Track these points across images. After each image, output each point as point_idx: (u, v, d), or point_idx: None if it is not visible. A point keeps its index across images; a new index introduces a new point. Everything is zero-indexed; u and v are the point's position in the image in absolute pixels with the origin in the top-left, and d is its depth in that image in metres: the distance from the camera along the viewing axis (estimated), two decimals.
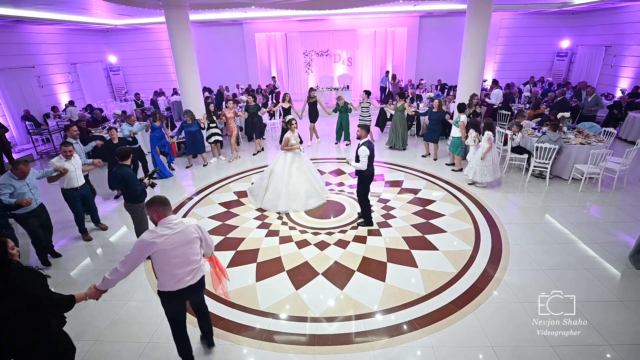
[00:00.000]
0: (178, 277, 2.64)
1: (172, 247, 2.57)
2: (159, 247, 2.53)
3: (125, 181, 4.29)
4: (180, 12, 8.36)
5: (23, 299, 2.16)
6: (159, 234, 2.55)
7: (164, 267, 2.61)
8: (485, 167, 6.32)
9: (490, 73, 15.00)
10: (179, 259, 2.62)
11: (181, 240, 2.61)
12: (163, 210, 2.61)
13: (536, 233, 5.04)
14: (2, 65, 10.53)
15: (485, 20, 7.88)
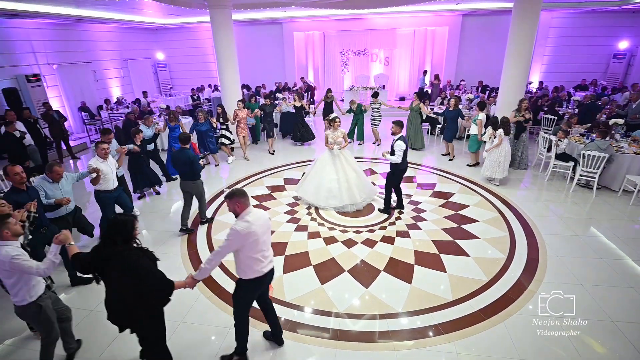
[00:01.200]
0: (264, 263, 2.81)
1: (260, 235, 2.72)
2: (251, 236, 2.65)
3: (191, 162, 4.96)
4: (223, 11, 8.69)
5: (139, 274, 2.39)
6: (252, 223, 2.66)
7: (254, 255, 2.73)
8: (495, 163, 6.53)
9: (536, 75, 14.23)
10: (265, 246, 2.79)
11: (264, 228, 2.77)
12: (244, 202, 2.73)
13: (578, 246, 4.76)
14: (64, 60, 11.50)
15: (532, 19, 7.48)
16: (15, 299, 2.71)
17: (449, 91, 11.99)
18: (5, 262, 2.52)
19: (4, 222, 2.60)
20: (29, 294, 2.71)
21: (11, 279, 2.62)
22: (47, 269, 2.60)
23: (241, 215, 2.72)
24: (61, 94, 11.48)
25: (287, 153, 9.11)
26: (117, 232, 2.39)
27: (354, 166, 6.05)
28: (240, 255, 2.75)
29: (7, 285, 2.67)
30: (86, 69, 12.32)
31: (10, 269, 2.54)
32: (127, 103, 12.52)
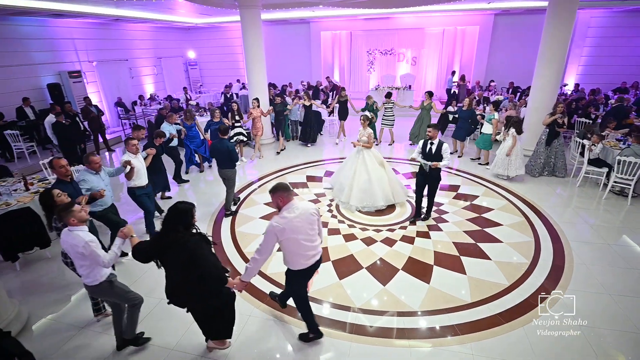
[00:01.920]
0: (307, 256, 2.88)
1: (299, 229, 2.75)
2: (288, 232, 2.71)
3: (230, 151, 5.42)
4: (253, 11, 8.91)
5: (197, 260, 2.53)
6: (287, 219, 2.72)
7: (296, 249, 2.82)
8: (509, 161, 6.70)
9: (572, 77, 13.63)
10: (307, 239, 2.83)
11: (304, 221, 2.79)
12: (287, 196, 2.78)
13: (608, 255, 4.58)
14: (102, 57, 12.16)
15: (568, 18, 7.20)
16: (87, 280, 2.88)
17: (477, 92, 11.72)
18: (79, 246, 2.69)
19: (70, 210, 2.76)
20: (100, 274, 2.89)
21: (84, 262, 2.78)
22: (110, 261, 2.77)
23: (282, 209, 2.77)
24: (99, 89, 12.15)
25: (302, 152, 9.23)
26: (179, 219, 2.53)
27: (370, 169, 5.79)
28: (284, 248, 2.85)
29: (80, 267, 2.84)
30: (122, 66, 12.96)
31: (83, 251, 2.70)
32: (159, 99, 13.05)
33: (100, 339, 3.44)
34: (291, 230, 2.72)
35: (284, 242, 2.76)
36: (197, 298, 2.68)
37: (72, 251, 2.76)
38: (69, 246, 2.75)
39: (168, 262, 2.58)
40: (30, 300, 4.01)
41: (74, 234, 2.75)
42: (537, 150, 7.08)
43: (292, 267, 2.94)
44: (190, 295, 2.65)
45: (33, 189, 5.35)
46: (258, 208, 6.07)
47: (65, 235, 2.78)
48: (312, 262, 2.93)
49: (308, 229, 2.83)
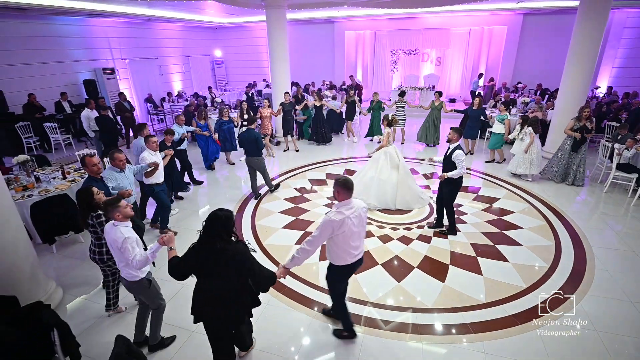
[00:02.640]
0: (353, 254, 2.94)
1: (352, 225, 2.81)
2: (342, 227, 2.76)
3: (256, 140, 5.91)
4: (279, 11, 9.10)
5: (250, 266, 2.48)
6: (345, 215, 2.76)
7: (344, 245, 2.85)
8: (529, 160, 6.78)
9: (605, 80, 13.09)
10: (356, 236, 2.90)
11: (357, 218, 2.84)
12: (346, 194, 2.82)
13: (633, 263, 4.45)
14: (134, 55, 12.72)
15: (601, 17, 6.96)
16: (127, 275, 2.90)
17: (504, 94, 11.48)
18: (118, 241, 2.72)
19: (117, 205, 2.79)
20: (141, 271, 2.92)
21: (124, 257, 2.78)
22: (139, 263, 2.72)
23: (338, 204, 2.84)
24: (130, 86, 12.70)
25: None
26: (224, 226, 2.41)
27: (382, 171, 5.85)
28: (331, 242, 2.89)
29: (118, 262, 2.89)
30: (153, 64, 13.50)
31: (122, 248, 2.74)
32: (186, 96, 13.50)
33: (124, 320, 3.68)
34: (346, 226, 2.77)
35: (336, 236, 2.80)
36: (235, 308, 2.54)
37: (113, 245, 2.80)
38: (111, 240, 2.80)
39: (207, 272, 2.46)
40: (64, 281, 4.30)
41: (117, 228, 2.79)
42: (559, 155, 6.77)
43: (335, 263, 2.99)
44: (227, 306, 2.50)
45: (70, 177, 5.73)
46: (279, 203, 6.24)
47: (109, 229, 2.84)
48: (355, 260, 2.98)
49: (360, 226, 2.89)
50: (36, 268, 3.78)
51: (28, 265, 3.65)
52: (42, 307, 2.88)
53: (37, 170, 5.94)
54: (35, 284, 3.70)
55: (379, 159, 5.98)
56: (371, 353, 3.21)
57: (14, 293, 3.25)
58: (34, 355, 2.60)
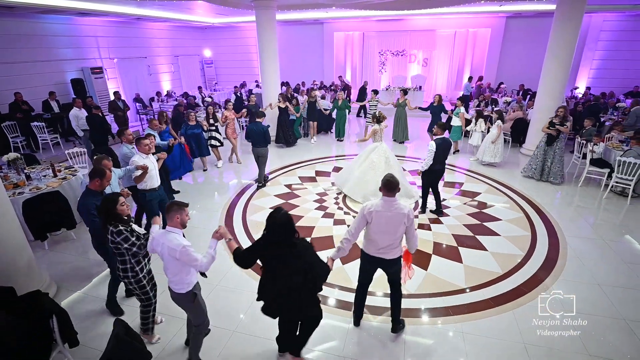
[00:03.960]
0: (377, 245, 3.04)
1: (383, 220, 2.94)
2: (374, 216, 2.94)
3: (265, 132, 6.45)
4: (268, 12, 9.25)
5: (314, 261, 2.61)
6: (377, 208, 2.94)
7: (371, 234, 3.03)
8: (494, 149, 7.55)
9: (584, 80, 13.62)
10: (383, 232, 2.98)
11: (391, 218, 2.94)
12: (390, 193, 2.93)
13: (603, 250, 4.75)
14: (123, 55, 12.70)
15: (575, 20, 7.33)
16: (174, 287, 2.77)
17: (487, 93, 11.86)
18: (177, 250, 2.57)
19: (183, 208, 2.68)
20: (187, 283, 2.77)
21: (176, 267, 2.68)
22: (207, 264, 2.65)
23: (382, 198, 2.98)
24: (119, 85, 12.67)
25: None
26: (289, 229, 2.50)
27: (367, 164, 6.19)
28: (365, 230, 3.08)
29: (170, 272, 2.73)
30: (141, 64, 13.49)
31: (179, 257, 2.59)
32: (175, 96, 13.53)
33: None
34: (377, 217, 2.93)
35: (370, 225, 2.98)
36: (303, 305, 2.68)
37: (168, 254, 2.64)
38: (165, 248, 2.63)
39: (277, 270, 2.58)
40: (57, 277, 4.36)
41: (171, 236, 2.63)
42: (536, 153, 7.03)
43: (363, 248, 3.19)
44: (295, 303, 2.63)
45: (61, 175, 5.78)
46: (270, 199, 6.41)
47: (161, 237, 2.68)
48: (377, 256, 3.08)
49: (390, 227, 2.96)
50: (31, 261, 3.87)
51: (23, 258, 3.74)
52: (40, 295, 2.98)
53: (27, 168, 5.97)
54: (30, 276, 3.79)
55: (368, 157, 6.23)
56: (359, 336, 3.41)
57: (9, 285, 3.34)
58: (34, 342, 2.71)
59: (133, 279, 3.04)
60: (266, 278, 2.64)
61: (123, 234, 2.86)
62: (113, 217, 2.89)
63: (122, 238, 2.85)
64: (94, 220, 3.29)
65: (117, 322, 2.52)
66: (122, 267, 3.02)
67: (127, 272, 3.02)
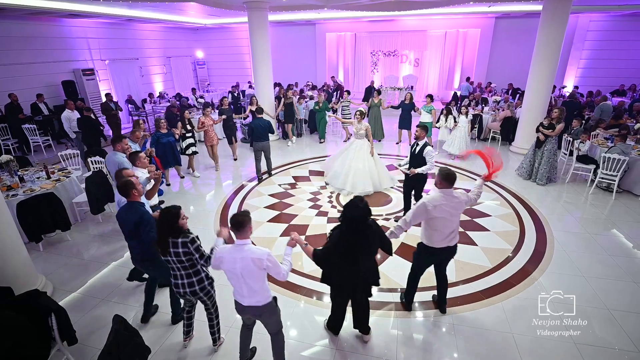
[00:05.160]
0: (443, 235, 3.17)
1: (445, 213, 3.07)
2: (438, 210, 3.05)
3: (269, 127, 6.86)
4: (260, 13, 9.31)
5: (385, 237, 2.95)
6: (441, 201, 3.06)
7: (436, 226, 3.13)
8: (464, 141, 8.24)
9: (571, 79, 13.90)
10: (449, 221, 3.13)
11: (453, 208, 3.11)
12: (449, 185, 3.10)
13: (588, 244, 4.91)
14: (114, 56, 12.65)
15: (561, 20, 7.52)
16: (259, 299, 2.62)
17: (477, 93, 12.05)
18: (263, 260, 2.46)
19: (250, 220, 2.55)
20: (268, 290, 2.68)
21: (260, 278, 2.55)
22: (288, 271, 2.59)
23: (440, 190, 3.13)
24: (111, 87, 12.61)
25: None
26: (367, 213, 2.67)
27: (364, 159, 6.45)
28: (427, 223, 3.20)
29: (254, 286, 2.55)
30: (133, 65, 13.45)
31: (266, 266, 2.48)
32: (168, 97, 13.51)
33: (118, 310, 3.84)
34: (442, 210, 3.06)
35: (430, 219, 3.11)
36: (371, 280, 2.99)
37: (252, 266, 2.46)
38: (247, 261, 2.46)
39: (357, 251, 2.71)
40: (52, 278, 4.38)
41: (250, 247, 2.49)
42: (527, 153, 7.17)
43: (425, 242, 3.30)
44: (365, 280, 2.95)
45: (54, 177, 5.78)
46: (264, 198, 6.48)
47: (235, 252, 2.49)
48: (445, 244, 3.22)
49: (457, 213, 3.16)
50: (27, 261, 3.89)
51: (20, 258, 3.76)
52: (39, 293, 3.01)
53: (20, 170, 5.96)
54: (27, 277, 3.82)
55: (360, 150, 6.50)
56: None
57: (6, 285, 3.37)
58: (33, 340, 2.75)
59: (211, 288, 3.02)
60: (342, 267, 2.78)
61: (196, 242, 2.74)
62: (175, 230, 2.71)
63: (195, 247, 2.73)
64: (150, 232, 3.07)
65: (116, 318, 2.57)
66: (196, 279, 2.88)
67: (204, 281, 2.93)
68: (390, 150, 9.30)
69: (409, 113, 9.19)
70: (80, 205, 5.74)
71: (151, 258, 3.26)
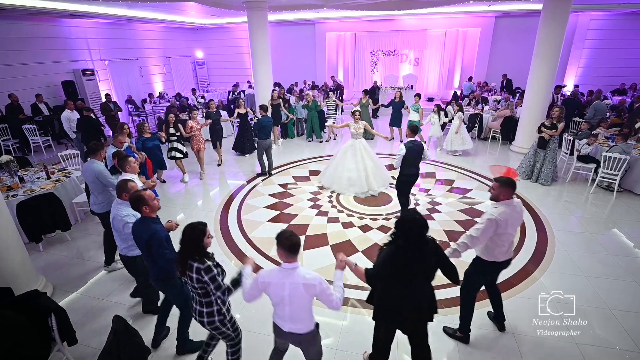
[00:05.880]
0: (506, 249, 2.99)
1: (514, 222, 2.91)
2: (505, 226, 2.83)
3: (271, 125, 7.20)
4: (260, 13, 9.31)
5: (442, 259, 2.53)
6: (507, 214, 2.83)
7: (501, 241, 2.92)
8: (459, 138, 8.37)
9: (572, 78, 13.88)
10: (514, 231, 2.97)
11: (517, 219, 2.94)
12: (509, 194, 2.88)
13: (589, 243, 4.90)
14: (114, 56, 12.65)
15: (561, 19, 7.51)
16: (305, 326, 2.38)
17: (477, 92, 12.04)
18: (316, 285, 2.22)
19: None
20: (313, 316, 2.42)
21: (309, 304, 2.33)
22: (341, 300, 2.34)
23: (502, 202, 2.89)
24: (111, 87, 12.61)
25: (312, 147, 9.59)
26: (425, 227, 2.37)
27: (372, 156, 6.59)
28: (490, 239, 2.94)
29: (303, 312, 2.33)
30: (133, 65, 13.45)
31: (319, 292, 2.24)
32: (168, 97, 13.51)
33: (118, 312, 3.83)
34: (507, 225, 2.85)
35: (497, 234, 2.87)
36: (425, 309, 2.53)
37: (303, 292, 2.23)
38: (298, 287, 2.22)
39: (412, 272, 2.41)
40: (52, 279, 4.38)
41: (303, 272, 2.25)
42: (528, 153, 7.09)
43: (485, 258, 3.06)
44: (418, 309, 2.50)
45: (54, 177, 5.78)
46: (264, 198, 6.47)
47: (284, 276, 2.24)
48: (507, 258, 3.05)
49: (517, 225, 2.98)
50: (27, 262, 3.89)
51: (19, 258, 3.76)
52: (39, 294, 3.01)
53: (20, 171, 5.95)
54: (26, 278, 3.81)
55: (362, 151, 6.45)
56: (353, 329, 3.50)
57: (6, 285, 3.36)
58: (33, 340, 2.74)
59: (229, 322, 2.60)
60: (390, 287, 2.47)
61: (212, 271, 2.36)
62: (198, 250, 2.37)
63: (210, 277, 2.35)
64: (166, 252, 2.77)
65: (116, 318, 2.57)
66: (207, 311, 2.48)
67: (214, 315, 2.50)
68: (382, 149, 9.29)
69: (399, 111, 9.41)
70: (80, 206, 5.73)
71: (164, 278, 2.94)
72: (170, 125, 7.09)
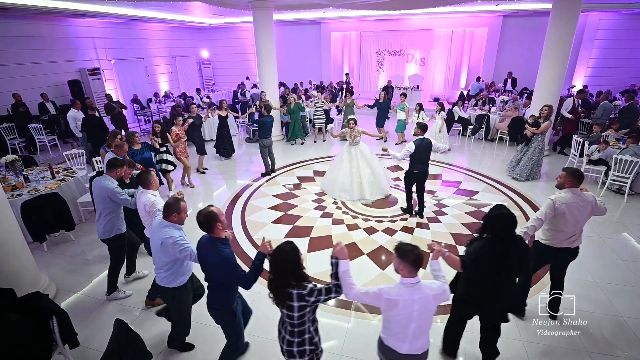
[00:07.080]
0: (567, 235, 3.14)
1: (576, 210, 3.06)
2: (566, 208, 3.02)
3: (272, 124, 7.27)
4: (265, 12, 9.26)
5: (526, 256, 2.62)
6: (569, 200, 3.03)
7: (561, 225, 3.11)
8: (443, 136, 8.60)
9: (581, 79, 13.68)
10: (577, 221, 3.10)
11: (582, 207, 3.08)
12: (574, 182, 3.07)
13: (599, 247, 4.79)
14: (120, 56, 12.69)
15: (571, 19, 7.36)
16: (422, 344, 2.26)
17: (483, 93, 11.90)
18: (446, 291, 2.18)
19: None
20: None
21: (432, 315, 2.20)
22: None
23: (566, 189, 3.10)
24: (116, 86, 12.67)
25: (317, 148, 9.53)
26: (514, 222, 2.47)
27: (371, 163, 6.31)
28: (551, 223, 3.15)
29: (425, 327, 2.21)
30: (139, 65, 13.49)
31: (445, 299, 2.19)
32: (173, 97, 13.52)
33: (121, 314, 3.80)
34: (570, 208, 3.03)
35: (555, 216, 3.09)
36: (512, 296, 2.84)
37: (433, 304, 2.13)
38: (430, 300, 2.13)
39: (501, 267, 2.51)
40: (56, 278, 4.37)
41: (427, 284, 2.18)
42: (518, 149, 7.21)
43: (542, 240, 3.28)
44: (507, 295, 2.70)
45: (59, 176, 5.78)
46: (268, 199, 6.42)
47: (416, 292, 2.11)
48: (567, 245, 3.19)
49: (585, 212, 3.10)
50: (30, 262, 3.87)
51: (23, 259, 3.75)
52: (40, 296, 2.99)
53: (25, 170, 5.96)
54: (30, 278, 3.80)
55: (364, 156, 6.30)
56: (360, 332, 3.44)
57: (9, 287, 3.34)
58: (33, 341, 2.72)
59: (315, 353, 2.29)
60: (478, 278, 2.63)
61: (314, 292, 2.10)
62: (299, 278, 2.11)
63: (315, 299, 2.10)
64: (244, 276, 2.45)
65: (117, 322, 2.53)
66: (298, 340, 2.19)
67: (304, 344, 2.22)
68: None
69: (385, 111, 9.54)
70: (84, 205, 5.73)
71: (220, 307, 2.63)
72: (158, 135, 6.31)
